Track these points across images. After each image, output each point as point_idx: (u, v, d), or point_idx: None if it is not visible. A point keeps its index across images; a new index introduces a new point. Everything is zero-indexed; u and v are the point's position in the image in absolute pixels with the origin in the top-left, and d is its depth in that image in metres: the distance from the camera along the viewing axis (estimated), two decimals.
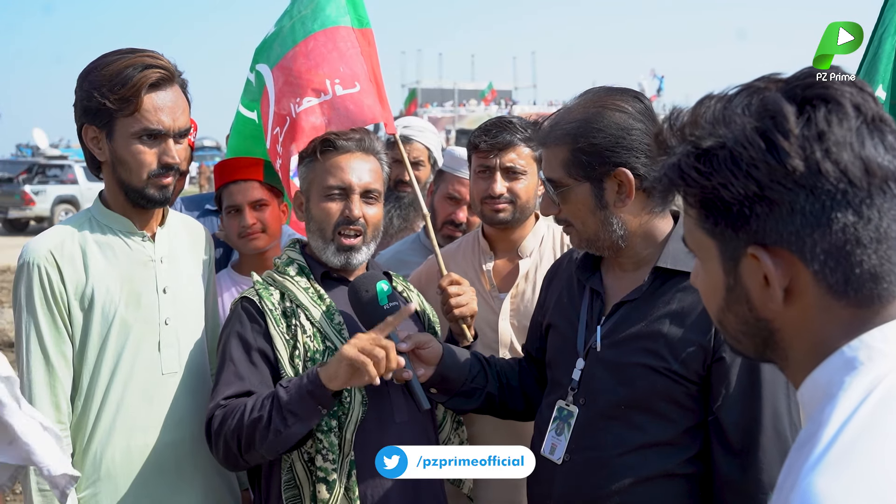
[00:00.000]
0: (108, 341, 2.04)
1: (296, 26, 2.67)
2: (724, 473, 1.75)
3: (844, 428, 0.83)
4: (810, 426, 0.90)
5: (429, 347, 2.04)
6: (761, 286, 0.94)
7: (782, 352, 0.98)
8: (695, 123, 0.97)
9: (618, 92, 1.88)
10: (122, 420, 2.05)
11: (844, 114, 0.89)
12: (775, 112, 0.90)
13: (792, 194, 0.89)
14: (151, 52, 2.08)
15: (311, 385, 1.85)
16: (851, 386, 0.88)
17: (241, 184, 2.77)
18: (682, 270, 1.82)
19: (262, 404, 1.88)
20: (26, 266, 2.00)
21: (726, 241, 0.96)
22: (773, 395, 1.73)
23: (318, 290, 2.11)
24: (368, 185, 2.15)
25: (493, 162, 2.47)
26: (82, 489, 2.04)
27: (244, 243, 2.78)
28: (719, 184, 0.93)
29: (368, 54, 2.66)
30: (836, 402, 0.87)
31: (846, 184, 0.88)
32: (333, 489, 1.94)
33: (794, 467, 0.88)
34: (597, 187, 1.83)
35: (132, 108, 1.99)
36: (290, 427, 1.85)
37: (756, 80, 0.97)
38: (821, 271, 0.90)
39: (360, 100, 2.55)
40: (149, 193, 2.07)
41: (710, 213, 0.96)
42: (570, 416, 1.90)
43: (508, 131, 2.47)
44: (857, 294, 0.91)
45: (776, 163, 0.89)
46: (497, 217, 2.49)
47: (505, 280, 2.55)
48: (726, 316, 1.02)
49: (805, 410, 0.97)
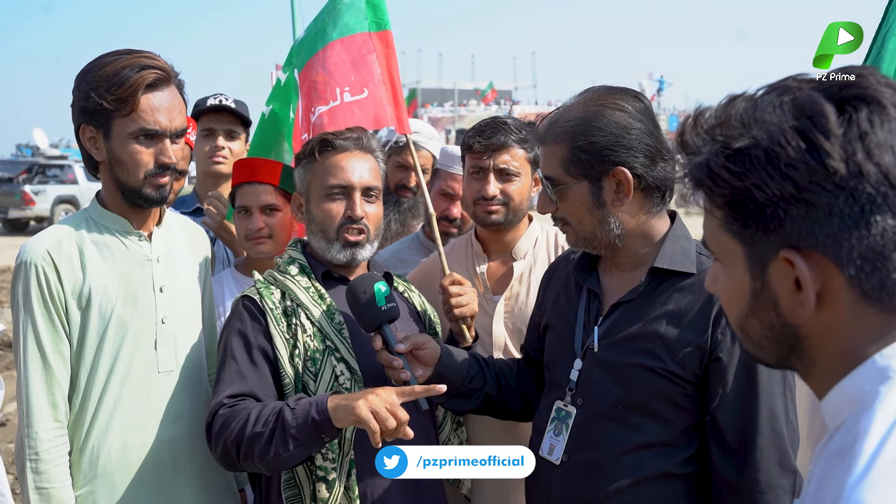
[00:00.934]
0: (105, 340, 2.05)
1: (318, 34, 2.73)
2: (721, 473, 1.75)
3: (887, 442, 0.82)
4: (846, 436, 0.88)
5: (427, 348, 2.04)
6: (791, 291, 0.91)
7: (808, 359, 0.95)
8: (725, 124, 0.94)
9: (617, 91, 1.88)
10: (119, 418, 2.05)
11: (887, 115, 0.87)
12: (814, 112, 0.88)
13: (831, 196, 0.86)
14: (148, 53, 2.08)
15: (318, 416, 1.83)
16: (888, 396, 0.86)
17: (256, 186, 2.76)
18: (679, 271, 1.82)
19: (267, 420, 1.86)
20: (24, 266, 2.01)
21: (755, 244, 0.93)
22: (769, 395, 1.73)
23: (318, 290, 2.11)
24: (369, 184, 2.16)
25: (486, 163, 2.46)
26: (79, 487, 2.05)
27: (250, 246, 2.77)
28: (753, 184, 0.90)
29: (386, 56, 2.70)
30: (873, 413, 0.85)
31: (887, 187, 0.86)
32: (333, 488, 1.94)
33: (832, 477, 0.86)
34: (595, 186, 1.82)
35: (129, 109, 2.00)
36: (290, 451, 1.84)
37: (784, 79, 0.95)
38: (856, 276, 0.88)
39: (366, 105, 2.60)
40: (146, 193, 2.07)
41: (738, 215, 0.93)
42: (568, 417, 1.90)
43: (503, 132, 2.46)
44: (892, 300, 0.88)
45: (816, 163, 0.86)
46: (490, 219, 2.48)
47: (499, 282, 2.54)
48: (749, 322, 0.98)
49: (831, 419, 0.94)
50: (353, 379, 2.03)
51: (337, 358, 2.03)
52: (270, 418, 1.86)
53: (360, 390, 2.00)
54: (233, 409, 1.93)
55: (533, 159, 2.48)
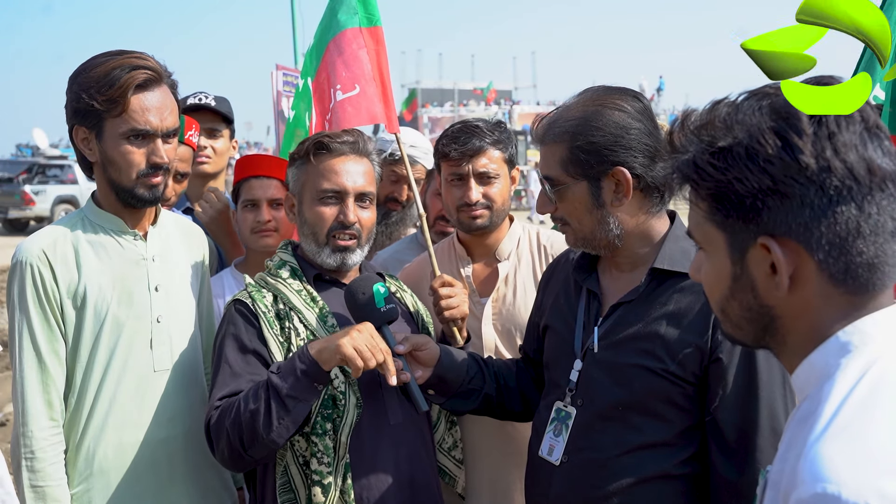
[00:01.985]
0: (100, 339, 2.05)
1: (322, 39, 2.74)
2: (721, 473, 1.75)
3: (844, 404, 0.93)
4: (809, 403, 1.00)
5: (426, 349, 2.04)
6: (767, 275, 1.02)
7: (781, 337, 1.06)
8: (709, 125, 1.04)
9: (617, 91, 1.87)
10: (115, 417, 2.06)
11: (851, 119, 0.98)
12: (789, 114, 0.98)
13: (803, 188, 0.97)
14: (139, 54, 2.09)
15: (305, 366, 1.85)
16: (847, 367, 0.97)
17: (263, 180, 2.78)
18: (679, 271, 1.81)
19: (258, 395, 1.86)
20: (19, 265, 2.02)
21: (736, 233, 1.03)
22: (769, 396, 1.73)
23: (310, 293, 2.10)
24: (363, 189, 2.14)
25: (465, 169, 2.44)
26: (75, 485, 2.05)
27: (256, 239, 2.78)
28: (734, 178, 1.00)
29: (376, 52, 2.68)
30: (833, 382, 0.97)
31: (851, 180, 0.96)
32: (329, 492, 1.94)
33: (796, 439, 0.97)
34: (594, 186, 1.82)
35: (120, 109, 2.01)
36: (291, 412, 1.84)
37: (762, 87, 1.05)
38: (825, 260, 0.98)
39: (358, 102, 2.58)
40: (139, 193, 2.08)
41: (721, 206, 1.03)
42: (567, 418, 1.89)
43: (477, 136, 2.44)
44: (855, 282, 0.99)
45: (790, 159, 0.97)
46: (475, 224, 2.47)
47: (484, 284, 2.53)
48: (730, 304, 1.09)
49: (800, 391, 1.05)
50: (346, 382, 2.02)
51: None
52: (261, 392, 1.87)
53: (353, 389, 2.00)
54: (223, 405, 1.93)
55: (508, 158, 2.49)
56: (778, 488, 0.98)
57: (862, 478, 0.86)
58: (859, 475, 0.86)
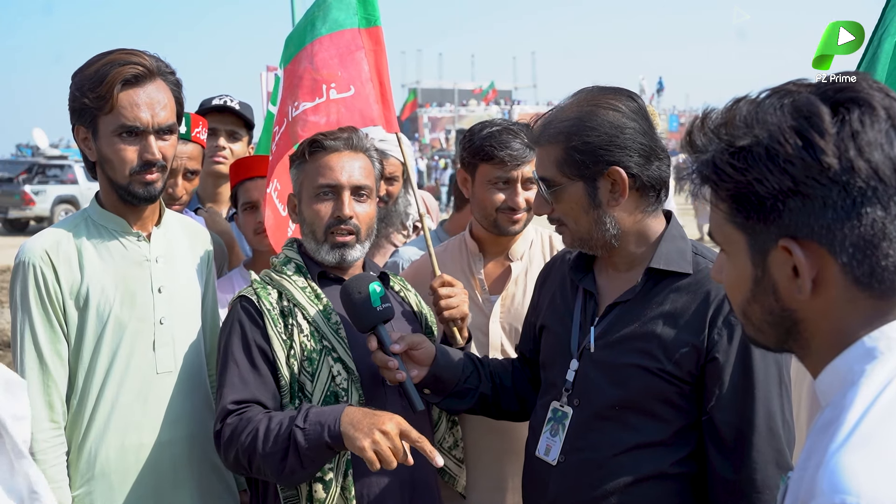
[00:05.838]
0: (102, 340, 2.04)
1: (307, 28, 2.68)
2: (718, 473, 1.76)
3: (867, 413, 0.90)
4: (832, 410, 0.96)
5: (422, 348, 2.04)
6: (789, 277, 0.99)
7: (804, 341, 1.03)
8: (728, 124, 1.01)
9: (611, 91, 1.87)
10: (117, 419, 2.05)
11: (877, 116, 0.94)
12: (811, 112, 0.95)
13: (825, 189, 0.93)
14: (131, 50, 2.08)
15: (331, 440, 1.83)
16: (872, 374, 0.94)
17: (259, 181, 2.77)
18: (676, 271, 1.82)
19: (277, 438, 1.86)
20: (22, 266, 2.01)
21: (757, 235, 1.01)
22: (766, 395, 1.73)
23: (315, 290, 2.11)
24: (358, 183, 2.14)
25: (515, 175, 2.43)
26: (76, 487, 2.05)
27: (260, 239, 2.77)
28: (754, 179, 0.97)
29: (374, 53, 2.65)
30: (857, 389, 0.93)
31: (877, 181, 0.93)
32: (330, 489, 1.95)
33: (817, 447, 0.94)
34: (590, 186, 1.82)
35: (109, 106, 2.01)
36: (305, 469, 1.87)
37: (785, 83, 1.02)
38: (848, 263, 0.95)
39: (352, 104, 2.55)
40: (134, 190, 2.07)
41: (741, 208, 1.01)
42: (564, 418, 1.90)
43: (524, 141, 2.42)
44: (881, 286, 0.96)
45: (812, 159, 0.93)
46: (514, 228, 2.48)
47: (495, 283, 2.54)
48: (751, 307, 1.06)
49: (823, 396, 1.01)
50: (349, 379, 2.03)
51: (334, 358, 2.03)
52: (280, 439, 1.85)
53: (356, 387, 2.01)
54: (241, 418, 1.93)
55: None
56: (797, 497, 0.95)
57: (883, 491, 0.83)
58: (880, 488, 0.83)
